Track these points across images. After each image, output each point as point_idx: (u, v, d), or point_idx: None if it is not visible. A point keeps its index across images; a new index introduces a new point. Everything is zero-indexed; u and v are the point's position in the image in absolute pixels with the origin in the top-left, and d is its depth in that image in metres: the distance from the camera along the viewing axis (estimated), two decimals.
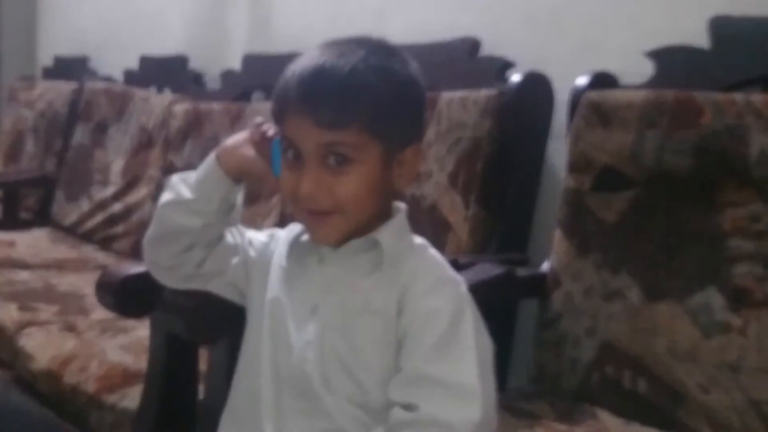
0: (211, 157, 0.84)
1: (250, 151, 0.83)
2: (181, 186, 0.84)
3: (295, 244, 0.86)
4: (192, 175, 0.84)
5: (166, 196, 0.85)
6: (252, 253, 0.88)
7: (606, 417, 1.09)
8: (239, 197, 0.87)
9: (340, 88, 0.74)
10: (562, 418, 1.08)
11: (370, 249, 0.80)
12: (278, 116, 0.79)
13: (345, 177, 0.76)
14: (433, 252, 0.84)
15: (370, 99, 0.75)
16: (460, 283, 0.80)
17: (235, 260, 0.87)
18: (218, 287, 0.88)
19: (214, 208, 0.84)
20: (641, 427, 1.07)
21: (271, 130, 0.82)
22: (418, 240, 0.85)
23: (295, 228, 0.87)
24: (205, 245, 0.86)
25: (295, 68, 0.77)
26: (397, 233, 0.81)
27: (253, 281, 0.87)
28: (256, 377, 0.82)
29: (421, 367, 0.74)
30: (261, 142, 0.83)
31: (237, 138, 0.85)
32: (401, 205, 0.84)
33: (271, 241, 0.89)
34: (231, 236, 0.88)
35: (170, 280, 0.89)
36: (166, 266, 0.87)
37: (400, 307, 0.77)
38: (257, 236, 0.90)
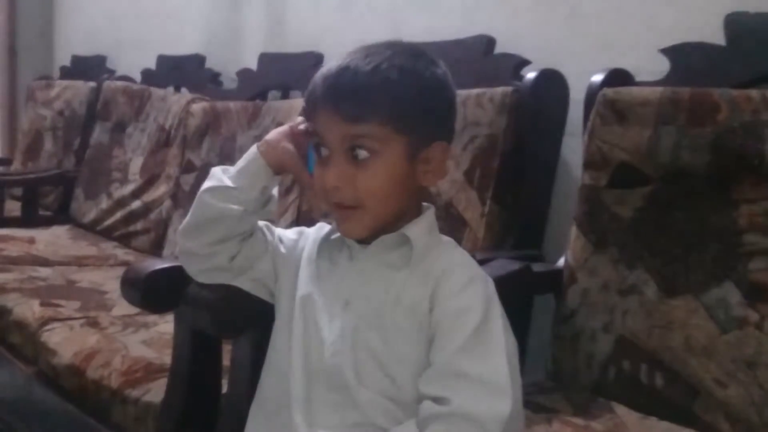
0: (253, 149, 0.88)
1: (289, 146, 0.87)
2: (222, 175, 0.87)
3: (325, 242, 0.89)
4: (232, 168, 0.88)
5: (207, 183, 0.88)
6: (282, 249, 0.91)
7: (623, 411, 1.10)
8: (276, 190, 0.90)
9: (363, 84, 0.78)
10: (579, 412, 1.09)
11: (400, 245, 0.83)
12: (308, 114, 0.83)
13: (369, 170, 0.79)
14: (462, 250, 0.86)
15: (391, 94, 0.78)
16: (489, 281, 0.83)
17: (264, 257, 0.90)
18: (245, 283, 0.90)
19: (254, 197, 0.87)
20: (658, 422, 1.07)
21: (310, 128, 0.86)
22: (445, 238, 0.87)
23: (324, 226, 0.90)
24: (240, 239, 0.88)
25: (324, 69, 0.82)
26: (426, 230, 0.84)
27: (283, 277, 0.89)
28: (287, 371, 0.84)
29: (452, 362, 0.76)
30: (299, 139, 0.87)
31: (278, 132, 0.89)
32: (429, 205, 0.87)
33: (300, 238, 0.92)
34: (262, 233, 0.91)
35: (201, 271, 0.91)
36: (200, 255, 0.89)
37: (432, 304, 0.79)
38: (286, 234, 0.93)
